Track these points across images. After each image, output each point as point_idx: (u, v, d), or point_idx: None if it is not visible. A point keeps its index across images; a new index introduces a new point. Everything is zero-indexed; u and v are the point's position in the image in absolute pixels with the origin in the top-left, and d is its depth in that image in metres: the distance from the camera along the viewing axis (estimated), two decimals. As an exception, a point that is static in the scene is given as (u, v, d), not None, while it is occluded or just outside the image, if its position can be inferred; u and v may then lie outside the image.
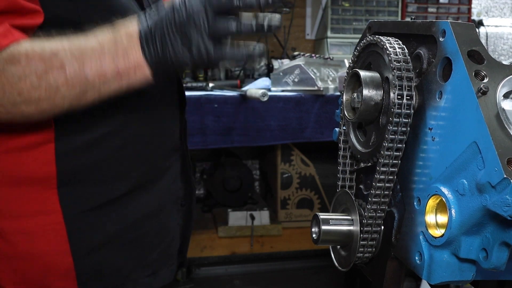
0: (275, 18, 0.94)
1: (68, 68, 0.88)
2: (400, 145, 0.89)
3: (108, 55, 0.90)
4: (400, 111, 0.87)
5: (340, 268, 1.05)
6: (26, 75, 0.87)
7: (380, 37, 0.94)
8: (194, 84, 2.46)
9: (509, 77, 0.79)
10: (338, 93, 1.65)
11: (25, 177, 1.01)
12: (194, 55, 0.91)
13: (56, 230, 1.03)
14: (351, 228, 0.99)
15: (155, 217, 1.16)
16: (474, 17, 3.51)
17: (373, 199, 0.94)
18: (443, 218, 0.81)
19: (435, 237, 0.81)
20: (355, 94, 0.95)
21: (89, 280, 1.08)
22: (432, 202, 0.83)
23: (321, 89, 2.29)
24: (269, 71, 2.72)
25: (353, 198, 1.01)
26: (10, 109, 0.90)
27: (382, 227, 0.97)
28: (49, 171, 1.02)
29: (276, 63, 2.70)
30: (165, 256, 1.21)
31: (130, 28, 0.92)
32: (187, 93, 2.29)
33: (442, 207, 0.81)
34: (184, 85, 2.42)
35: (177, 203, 1.24)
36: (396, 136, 0.88)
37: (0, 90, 0.88)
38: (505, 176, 0.69)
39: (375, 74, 0.94)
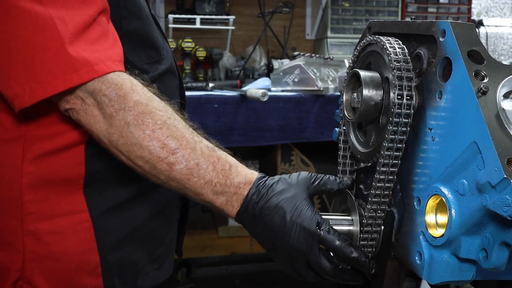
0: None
1: (176, 170, 0.95)
2: (400, 145, 0.89)
3: (213, 186, 0.96)
4: (400, 111, 0.87)
5: None
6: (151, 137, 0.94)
7: (380, 37, 0.94)
8: (194, 84, 2.46)
9: (509, 77, 0.79)
10: (338, 93, 1.65)
11: (57, 179, 1.04)
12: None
13: (84, 229, 1.07)
14: (351, 228, 0.99)
15: (162, 213, 1.21)
16: (474, 17, 3.51)
17: (373, 199, 0.94)
18: (443, 218, 0.81)
19: (435, 237, 0.81)
20: (355, 94, 0.95)
21: (112, 275, 1.12)
22: (432, 202, 0.83)
23: (321, 89, 2.29)
24: (269, 71, 2.72)
25: (353, 198, 1.01)
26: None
27: (382, 227, 0.97)
28: (79, 172, 1.06)
29: (276, 63, 2.70)
30: (167, 250, 1.26)
31: (242, 186, 0.97)
32: (188, 93, 2.29)
33: (442, 207, 0.81)
34: (184, 85, 2.42)
35: (176, 199, 1.28)
36: (396, 136, 0.88)
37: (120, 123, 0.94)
38: (505, 176, 0.69)
39: (375, 74, 0.94)
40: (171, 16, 2.75)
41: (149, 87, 0.99)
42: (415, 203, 0.87)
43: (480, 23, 3.50)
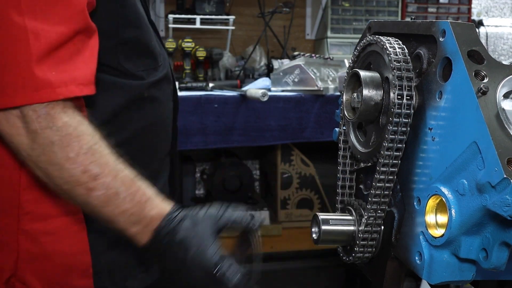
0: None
1: (93, 196, 0.95)
2: (400, 145, 0.89)
3: (127, 216, 0.97)
4: (400, 111, 0.87)
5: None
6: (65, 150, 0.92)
7: (380, 37, 0.94)
8: (194, 84, 2.46)
9: (509, 77, 0.79)
10: (338, 93, 1.65)
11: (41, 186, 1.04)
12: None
13: (78, 231, 1.08)
14: (351, 228, 0.99)
15: None
16: (474, 17, 3.50)
17: (373, 199, 0.94)
18: (443, 218, 0.81)
19: (435, 237, 0.81)
20: (355, 94, 0.95)
21: (103, 277, 1.13)
22: (432, 202, 0.83)
23: (321, 89, 2.29)
24: (269, 71, 2.72)
25: (353, 199, 1.02)
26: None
27: (382, 227, 0.97)
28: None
29: (276, 63, 2.70)
30: None
31: (155, 220, 0.97)
32: (188, 93, 2.29)
33: (442, 207, 0.81)
34: (184, 85, 2.42)
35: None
36: (396, 136, 0.88)
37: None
38: (505, 176, 0.69)
39: (375, 74, 0.94)
40: (171, 16, 2.74)
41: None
42: (415, 203, 0.87)
43: (480, 23, 3.50)
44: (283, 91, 2.36)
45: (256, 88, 2.32)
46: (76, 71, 0.94)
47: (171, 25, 2.75)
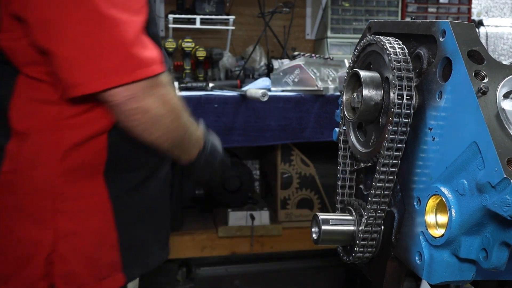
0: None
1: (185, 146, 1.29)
2: (400, 145, 0.89)
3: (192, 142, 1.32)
4: (400, 111, 0.87)
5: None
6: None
7: (380, 37, 0.94)
8: (194, 84, 2.46)
9: (509, 77, 0.79)
10: (338, 93, 1.65)
11: (82, 164, 1.19)
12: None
13: (105, 209, 1.22)
14: (351, 228, 0.99)
15: (162, 198, 1.39)
16: (474, 17, 3.50)
17: (373, 199, 0.94)
18: (443, 218, 0.81)
19: (435, 237, 0.81)
20: (355, 94, 0.95)
21: (127, 252, 1.26)
22: (432, 202, 0.83)
23: (321, 89, 2.29)
24: (269, 71, 2.72)
25: (353, 199, 1.01)
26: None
27: (382, 227, 0.97)
28: (101, 159, 1.21)
29: (276, 63, 2.70)
30: (166, 233, 1.45)
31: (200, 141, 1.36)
32: (187, 93, 2.29)
33: (442, 207, 0.81)
34: (184, 85, 2.42)
35: (168, 186, 1.45)
36: (396, 136, 0.88)
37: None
38: (505, 176, 0.69)
39: (375, 74, 0.94)
40: (171, 16, 2.74)
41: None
42: (415, 203, 0.87)
43: (480, 23, 3.50)
44: (283, 91, 2.36)
45: (256, 88, 2.32)
46: (155, 53, 1.12)
47: (171, 25, 2.75)
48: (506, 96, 0.79)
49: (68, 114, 1.16)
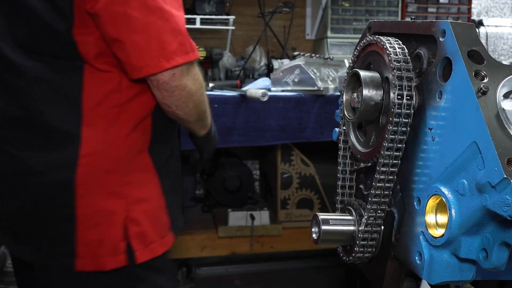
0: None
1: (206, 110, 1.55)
2: (400, 145, 0.89)
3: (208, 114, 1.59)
4: (400, 111, 0.87)
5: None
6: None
7: (380, 37, 0.94)
8: (194, 84, 2.45)
9: (509, 77, 0.79)
10: (338, 93, 1.65)
11: (137, 142, 1.42)
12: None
13: (155, 179, 1.46)
14: (351, 228, 0.99)
15: (178, 173, 1.65)
16: (474, 17, 3.50)
17: (373, 199, 0.94)
18: (443, 218, 0.81)
19: (435, 237, 0.81)
20: (355, 94, 0.95)
21: (170, 214, 1.51)
22: (432, 202, 0.83)
23: (321, 89, 2.29)
24: (269, 71, 2.72)
25: (353, 199, 1.01)
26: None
27: (382, 227, 0.97)
28: (147, 137, 1.45)
29: (276, 63, 2.69)
30: (181, 204, 1.76)
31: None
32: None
33: (442, 207, 0.81)
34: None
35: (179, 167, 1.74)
36: (396, 136, 0.88)
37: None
38: (505, 176, 0.69)
39: (375, 74, 0.94)
40: (171, 16, 2.74)
41: None
42: (415, 203, 0.87)
43: (480, 23, 3.50)
44: (283, 91, 2.36)
45: (256, 88, 2.32)
46: (192, 42, 1.37)
47: (171, 25, 2.74)
48: (506, 96, 0.79)
49: (125, 100, 1.38)
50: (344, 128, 1.05)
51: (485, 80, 0.78)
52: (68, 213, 1.37)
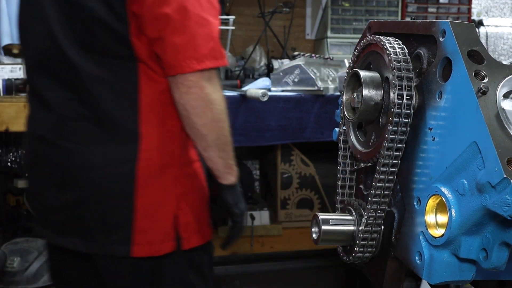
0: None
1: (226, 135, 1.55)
2: (400, 145, 0.89)
3: (231, 158, 1.57)
4: (400, 111, 0.87)
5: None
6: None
7: (380, 37, 0.94)
8: (194, 84, 2.45)
9: (509, 77, 0.79)
10: (338, 93, 1.65)
11: (188, 139, 1.51)
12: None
13: (200, 172, 1.57)
14: (351, 228, 0.99)
15: None
16: (474, 17, 3.50)
17: (373, 199, 0.94)
18: (443, 218, 0.81)
19: (435, 237, 0.81)
20: (355, 94, 0.95)
21: (209, 207, 1.64)
22: (432, 202, 0.83)
23: (321, 89, 2.29)
24: (269, 71, 2.72)
25: (353, 199, 1.01)
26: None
27: (382, 227, 0.97)
28: None
29: (276, 63, 2.69)
30: None
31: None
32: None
33: (442, 207, 0.81)
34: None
35: None
36: (396, 136, 0.88)
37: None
38: (505, 176, 0.69)
39: (375, 74, 0.94)
40: (171, 16, 2.74)
41: None
42: (415, 203, 0.87)
43: (480, 23, 3.50)
44: (283, 91, 2.36)
45: (256, 88, 2.32)
46: (222, 49, 1.45)
47: (171, 25, 2.74)
48: (506, 96, 0.79)
49: (170, 98, 1.46)
50: (344, 128, 1.05)
51: (485, 80, 0.78)
52: (127, 204, 1.48)
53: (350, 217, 1.00)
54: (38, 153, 1.56)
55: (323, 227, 0.98)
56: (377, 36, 0.95)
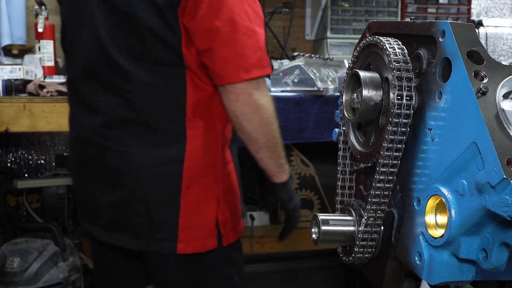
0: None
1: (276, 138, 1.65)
2: (400, 146, 0.89)
3: (282, 157, 1.70)
4: (399, 111, 0.87)
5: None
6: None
7: (380, 37, 0.94)
8: (194, 85, 2.45)
9: (508, 78, 0.79)
10: (338, 94, 1.66)
11: (226, 141, 1.63)
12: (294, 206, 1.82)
13: (234, 172, 1.66)
14: (350, 228, 0.99)
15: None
16: (474, 17, 3.51)
17: (373, 200, 0.94)
18: (442, 219, 0.81)
19: (435, 238, 0.81)
20: (355, 94, 0.95)
21: (241, 204, 1.72)
22: (431, 203, 0.83)
23: (321, 89, 2.29)
24: (268, 72, 2.72)
25: (353, 199, 1.01)
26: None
27: (382, 228, 0.97)
28: (230, 137, 1.67)
29: (275, 64, 2.70)
30: None
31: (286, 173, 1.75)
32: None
33: (441, 207, 0.81)
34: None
35: None
36: (395, 137, 0.88)
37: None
38: (504, 176, 0.69)
39: (375, 75, 0.94)
40: (170, 17, 2.74)
41: None
42: (414, 204, 0.87)
43: (479, 24, 3.50)
44: (282, 91, 2.36)
45: (256, 88, 2.31)
46: (267, 58, 1.54)
47: (170, 26, 2.74)
48: (505, 96, 0.79)
49: (217, 103, 1.56)
50: (343, 128, 1.05)
51: (485, 81, 0.78)
52: (174, 203, 1.55)
53: (349, 218, 1.00)
54: (86, 155, 1.63)
55: (323, 228, 0.98)
56: (376, 36, 0.95)
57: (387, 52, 0.90)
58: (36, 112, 2.10)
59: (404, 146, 0.90)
